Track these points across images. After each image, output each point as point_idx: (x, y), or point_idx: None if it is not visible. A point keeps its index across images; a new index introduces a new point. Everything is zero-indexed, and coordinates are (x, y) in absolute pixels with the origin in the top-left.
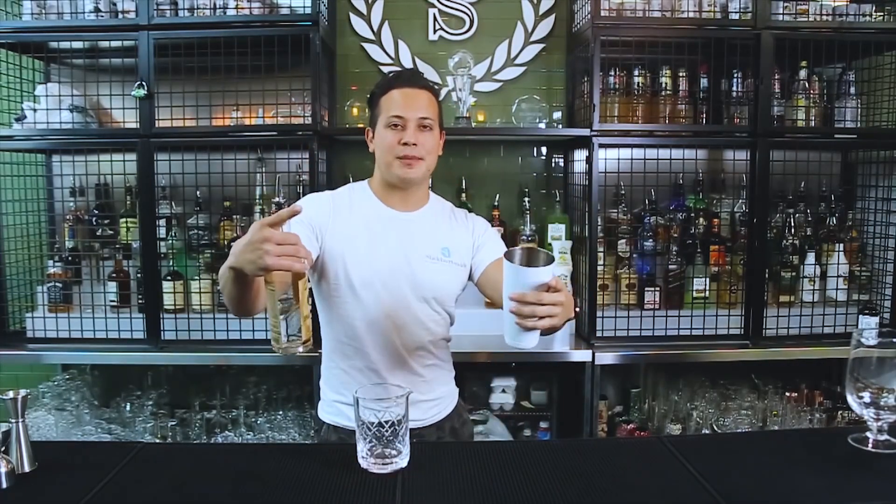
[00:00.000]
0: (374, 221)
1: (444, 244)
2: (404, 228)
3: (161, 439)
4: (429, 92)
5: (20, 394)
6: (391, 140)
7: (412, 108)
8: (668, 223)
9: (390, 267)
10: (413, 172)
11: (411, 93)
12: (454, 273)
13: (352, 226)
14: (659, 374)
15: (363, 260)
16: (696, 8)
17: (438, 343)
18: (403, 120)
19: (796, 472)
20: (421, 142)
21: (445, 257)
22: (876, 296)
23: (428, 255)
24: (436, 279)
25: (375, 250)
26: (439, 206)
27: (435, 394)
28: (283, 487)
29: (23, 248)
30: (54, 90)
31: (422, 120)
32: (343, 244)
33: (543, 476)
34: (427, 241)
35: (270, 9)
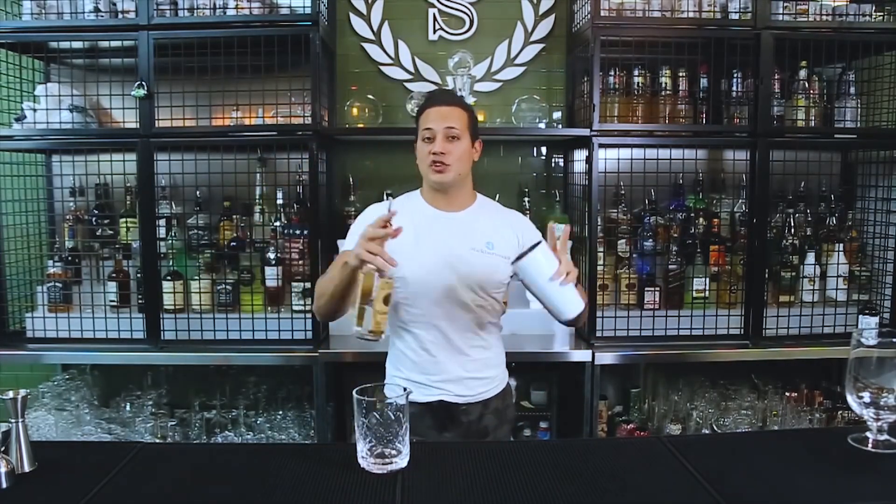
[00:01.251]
0: (421, 221)
1: (488, 238)
2: (450, 225)
3: (161, 439)
4: (458, 107)
5: (20, 394)
6: (424, 151)
7: (442, 121)
8: (668, 223)
9: (436, 259)
10: (443, 177)
11: (442, 110)
12: (498, 264)
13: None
14: (659, 374)
15: (411, 255)
16: (695, 8)
17: (486, 327)
18: (433, 132)
19: (796, 472)
20: (448, 150)
21: (489, 250)
22: (876, 296)
23: (473, 248)
24: (480, 269)
25: (422, 245)
26: (486, 206)
27: (481, 373)
28: (283, 487)
29: (23, 248)
30: (54, 90)
31: (448, 130)
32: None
33: (543, 476)
34: (472, 236)
35: (270, 9)
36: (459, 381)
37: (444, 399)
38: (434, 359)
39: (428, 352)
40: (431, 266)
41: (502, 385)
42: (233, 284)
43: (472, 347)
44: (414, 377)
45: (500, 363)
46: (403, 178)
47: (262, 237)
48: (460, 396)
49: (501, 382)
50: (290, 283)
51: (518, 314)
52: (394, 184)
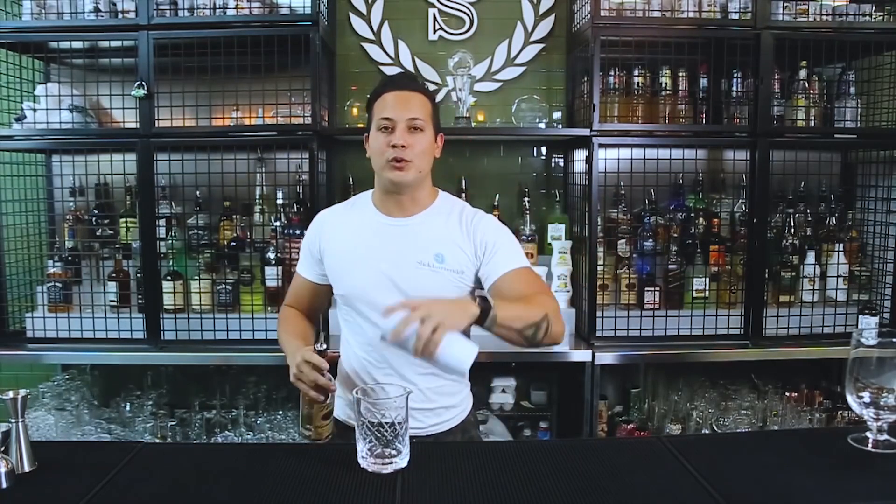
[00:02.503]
0: (368, 231)
1: (437, 250)
2: (398, 236)
3: (161, 439)
4: (421, 94)
5: (20, 394)
6: (381, 142)
7: (402, 109)
8: (668, 223)
9: (377, 276)
10: (402, 175)
11: (402, 95)
12: (446, 280)
13: (345, 239)
14: (659, 374)
15: (352, 271)
16: (695, 8)
17: None
18: (392, 122)
19: (796, 472)
20: (410, 143)
21: (438, 264)
22: (876, 296)
23: (419, 262)
24: (426, 287)
25: (365, 261)
26: (445, 209)
27: (432, 404)
28: (283, 487)
29: (23, 248)
30: (54, 90)
31: (412, 121)
32: (335, 258)
33: (543, 476)
34: (420, 248)
35: (270, 9)
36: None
37: None
38: (377, 386)
39: (371, 376)
40: (371, 284)
41: (462, 416)
42: (233, 284)
43: (421, 375)
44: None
45: (458, 391)
46: None
47: (262, 237)
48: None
49: (461, 412)
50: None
51: None
52: None
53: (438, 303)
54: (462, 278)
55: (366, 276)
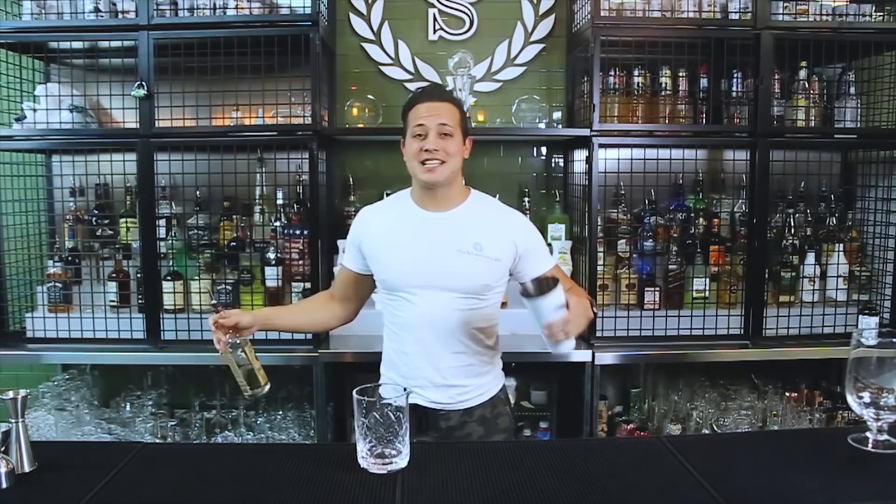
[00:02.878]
0: (409, 223)
1: (476, 239)
2: (436, 227)
3: (161, 439)
4: (450, 103)
5: (20, 394)
6: (415, 147)
7: (433, 117)
8: (668, 223)
9: (419, 261)
10: (435, 175)
11: (433, 105)
12: (486, 266)
13: (386, 230)
14: (659, 374)
15: (395, 258)
16: (695, 8)
17: (473, 333)
18: (425, 128)
19: (796, 472)
20: (442, 147)
21: (477, 252)
22: (876, 296)
23: (459, 250)
24: (466, 271)
25: (407, 249)
26: (479, 204)
27: (459, 381)
28: (283, 487)
29: (23, 248)
30: (54, 90)
31: (441, 127)
32: (378, 248)
33: (543, 476)
34: (458, 236)
35: (270, 9)
36: (434, 387)
37: (419, 403)
38: (412, 362)
39: (406, 354)
40: (413, 269)
41: (490, 393)
42: (233, 284)
43: (453, 354)
44: (395, 378)
45: (488, 371)
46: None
47: (262, 237)
48: (435, 402)
49: (489, 390)
50: (290, 283)
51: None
52: (393, 183)
53: (580, 309)
54: (499, 266)
55: (410, 264)
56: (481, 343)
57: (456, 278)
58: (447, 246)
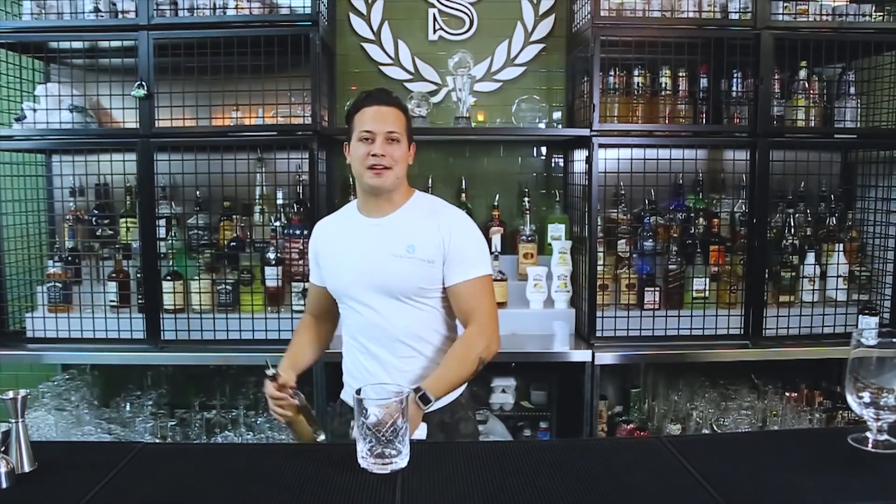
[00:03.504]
0: (352, 232)
1: (409, 242)
2: (375, 232)
3: (161, 439)
4: (396, 108)
5: (20, 394)
6: (362, 152)
7: (380, 122)
8: (668, 223)
9: (356, 269)
10: (382, 180)
11: (380, 110)
12: (417, 267)
13: (333, 240)
14: (659, 374)
15: (339, 269)
16: (695, 8)
17: (418, 337)
18: (372, 134)
19: (796, 472)
20: (389, 153)
21: (410, 254)
22: (876, 296)
23: (393, 254)
24: (399, 274)
25: (347, 256)
26: (417, 206)
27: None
28: (283, 487)
29: (23, 248)
30: (54, 90)
31: (389, 133)
32: (327, 258)
33: (543, 476)
34: (394, 241)
35: (270, 9)
36: None
37: None
38: (364, 369)
39: (357, 362)
40: (351, 276)
41: (448, 398)
42: (233, 284)
43: (401, 359)
44: (353, 385)
45: None
46: None
47: (262, 237)
48: None
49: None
50: (290, 283)
51: (518, 314)
52: None
53: None
54: (432, 267)
55: (350, 272)
56: (431, 347)
57: (391, 282)
58: (382, 251)
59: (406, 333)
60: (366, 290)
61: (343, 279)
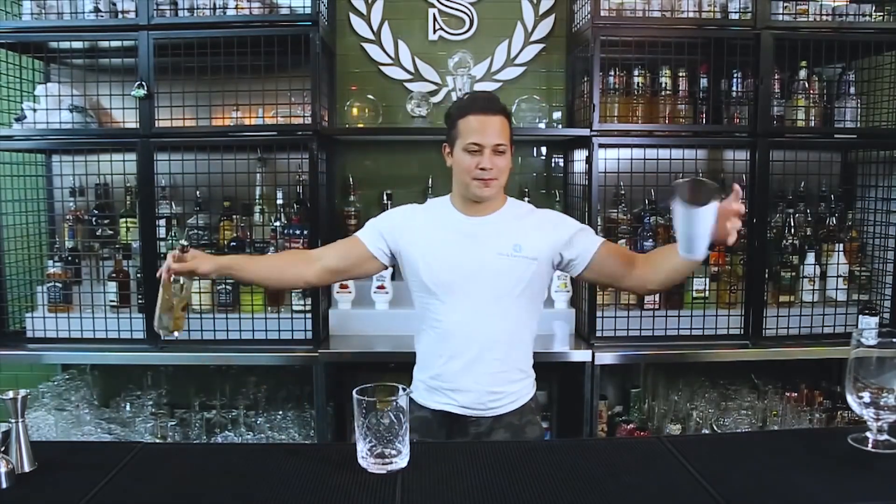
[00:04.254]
0: (451, 227)
1: (515, 241)
2: (478, 231)
3: (161, 439)
4: (503, 116)
5: (20, 394)
6: (469, 163)
7: (488, 135)
8: (668, 223)
9: (462, 265)
10: (488, 191)
11: (487, 120)
12: (524, 266)
13: (427, 234)
14: (659, 374)
15: (439, 261)
16: (695, 8)
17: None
18: (480, 147)
19: (796, 472)
20: (496, 164)
21: (516, 253)
22: (876, 296)
23: (499, 252)
24: (506, 273)
25: (451, 252)
26: (515, 208)
27: (495, 388)
28: (283, 487)
29: (23, 248)
30: (54, 90)
31: (497, 146)
32: (420, 248)
33: (543, 476)
34: (500, 240)
35: (270, 9)
36: (469, 392)
37: (451, 410)
38: (449, 366)
39: (443, 358)
40: (456, 272)
41: (522, 401)
42: (233, 284)
43: (491, 360)
44: (428, 381)
45: (521, 378)
46: (403, 178)
47: (262, 237)
48: (467, 408)
49: (521, 398)
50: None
51: None
52: (393, 184)
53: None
54: (537, 264)
55: (456, 268)
56: (519, 349)
57: (497, 280)
58: (488, 249)
59: (502, 333)
60: (469, 287)
61: (446, 274)
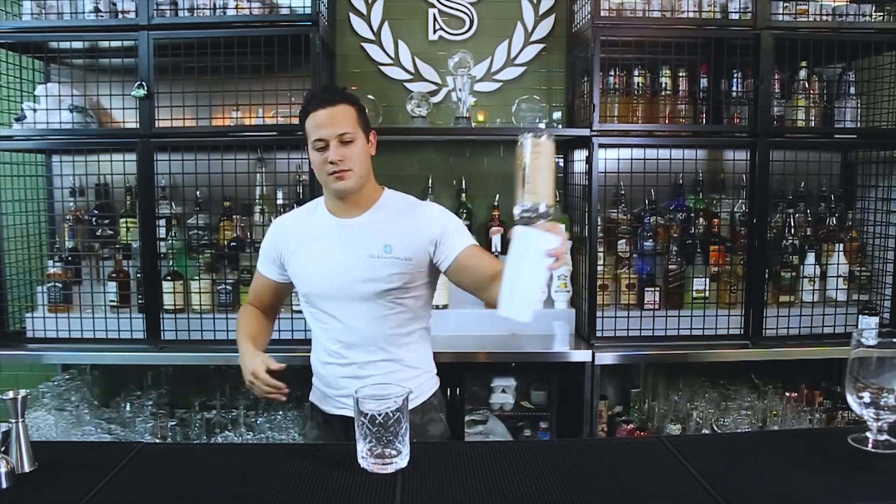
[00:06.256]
0: (323, 233)
1: (385, 242)
2: (349, 234)
3: (161, 439)
4: (343, 104)
5: (20, 394)
6: (318, 160)
7: (330, 126)
8: (668, 223)
9: (336, 273)
10: (345, 184)
11: (326, 113)
12: (396, 267)
13: (303, 242)
14: (659, 374)
15: (313, 271)
16: (696, 8)
17: (393, 339)
18: (324, 141)
19: (796, 472)
20: (346, 155)
21: (386, 254)
22: (876, 296)
23: (370, 255)
24: (377, 275)
25: (323, 260)
26: (390, 204)
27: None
28: (283, 487)
29: (23, 248)
30: (54, 90)
31: (341, 136)
32: (296, 259)
33: (543, 476)
34: (369, 242)
35: (270, 9)
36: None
37: (345, 414)
38: (334, 371)
39: (328, 365)
40: (329, 278)
41: (419, 399)
42: (233, 284)
43: (373, 363)
44: (322, 388)
45: (416, 377)
46: (403, 178)
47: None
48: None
49: (418, 396)
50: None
51: None
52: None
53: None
54: (410, 264)
55: (325, 274)
56: (405, 348)
57: (369, 283)
58: (359, 251)
59: (381, 335)
60: (343, 292)
61: (318, 282)
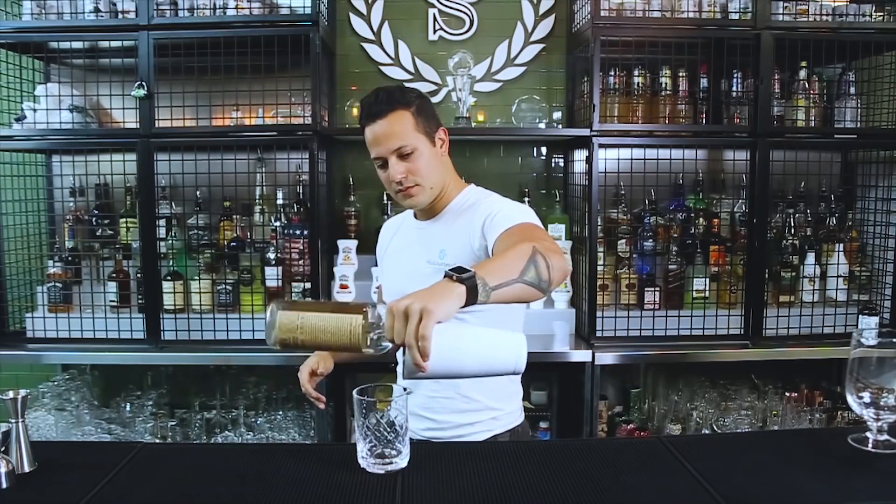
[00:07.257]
0: (403, 236)
1: (441, 247)
2: (417, 237)
3: (161, 439)
4: (397, 111)
5: (20, 394)
6: (384, 178)
7: (384, 143)
8: (668, 223)
9: (400, 275)
10: (415, 200)
11: (378, 127)
12: None
13: (391, 245)
14: (659, 374)
15: (386, 271)
16: (695, 8)
17: None
18: (382, 159)
19: (796, 472)
20: (409, 170)
21: (441, 260)
22: (876, 296)
23: (428, 261)
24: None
25: (394, 261)
26: (461, 205)
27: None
28: (283, 487)
29: (23, 248)
30: (54, 90)
31: (398, 150)
32: (384, 263)
33: (543, 476)
34: (429, 247)
35: (270, 9)
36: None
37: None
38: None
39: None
40: (394, 283)
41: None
42: (233, 284)
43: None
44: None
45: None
46: None
47: (262, 237)
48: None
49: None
50: (290, 283)
51: None
52: None
53: (407, 297)
54: None
55: (393, 276)
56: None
57: None
58: (422, 257)
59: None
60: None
61: (389, 287)
